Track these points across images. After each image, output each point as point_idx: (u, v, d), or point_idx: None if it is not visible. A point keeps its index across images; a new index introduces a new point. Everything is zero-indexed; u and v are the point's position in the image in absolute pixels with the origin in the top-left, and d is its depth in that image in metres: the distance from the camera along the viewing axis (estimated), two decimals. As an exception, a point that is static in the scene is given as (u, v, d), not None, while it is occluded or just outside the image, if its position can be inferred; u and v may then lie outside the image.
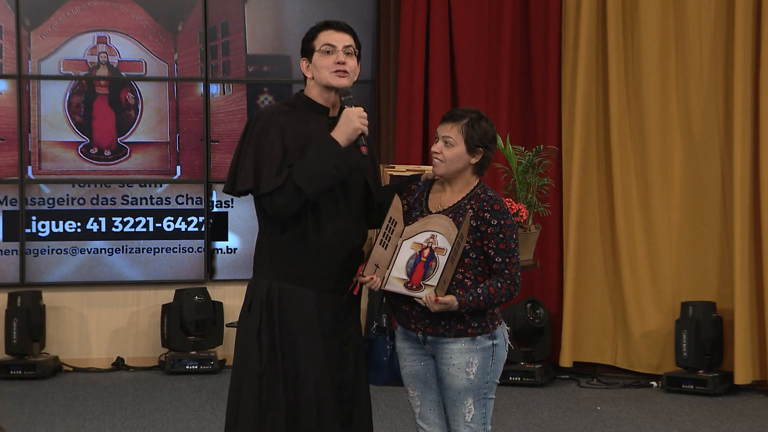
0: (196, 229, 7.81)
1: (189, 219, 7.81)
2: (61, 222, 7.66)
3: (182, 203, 7.81)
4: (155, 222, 7.78)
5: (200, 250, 7.80)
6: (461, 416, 3.53)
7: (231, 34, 7.87)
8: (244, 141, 3.52)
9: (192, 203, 7.82)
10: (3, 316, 7.38)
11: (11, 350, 7.34)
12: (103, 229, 7.70)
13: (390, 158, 7.42)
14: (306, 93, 3.60)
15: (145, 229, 7.76)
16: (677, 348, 6.92)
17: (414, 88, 7.50)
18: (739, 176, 6.82)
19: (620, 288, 7.27)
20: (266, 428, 3.47)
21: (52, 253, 7.65)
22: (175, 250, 7.80)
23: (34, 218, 7.63)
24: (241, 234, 7.85)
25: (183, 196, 7.81)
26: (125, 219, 7.74)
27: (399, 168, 4.13)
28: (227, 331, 7.58)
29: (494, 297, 3.44)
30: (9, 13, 7.60)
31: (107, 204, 7.72)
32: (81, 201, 7.69)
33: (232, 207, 7.85)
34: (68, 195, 7.68)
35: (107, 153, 7.76)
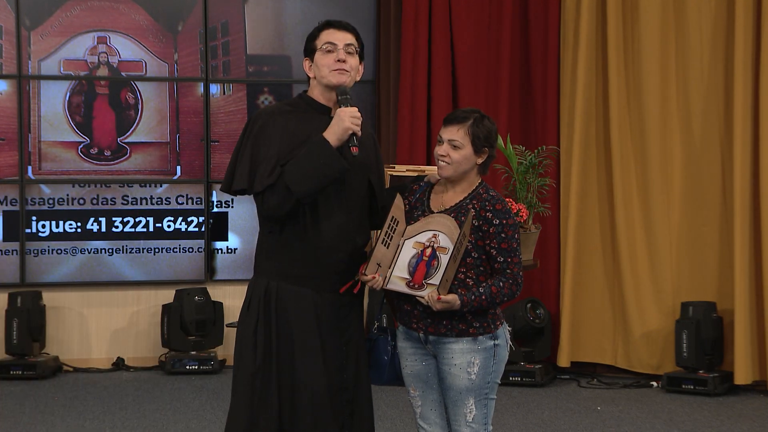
0: (196, 229, 7.81)
1: (189, 219, 7.81)
2: (61, 222, 7.66)
3: (182, 203, 7.81)
4: (155, 222, 7.77)
5: (200, 250, 7.80)
6: (462, 416, 3.53)
7: (231, 34, 7.87)
8: (243, 140, 3.52)
9: (192, 203, 7.81)
10: (3, 316, 7.37)
11: (11, 350, 7.34)
12: (104, 229, 7.70)
13: (390, 158, 7.41)
14: (309, 93, 3.60)
15: (145, 229, 7.76)
16: (677, 348, 6.92)
17: (417, 89, 7.49)
18: (740, 176, 6.83)
19: (620, 288, 7.27)
20: (258, 427, 3.46)
21: (53, 253, 7.65)
22: (176, 250, 7.79)
23: (35, 218, 7.63)
24: (241, 234, 7.85)
25: (183, 196, 7.81)
26: (125, 219, 7.74)
27: (399, 168, 4.13)
28: (227, 331, 7.58)
29: (496, 296, 3.44)
30: (9, 13, 7.60)
31: (107, 204, 7.72)
32: (81, 201, 7.69)
33: (232, 207, 7.85)
34: (68, 195, 7.68)
35: (107, 153, 7.76)
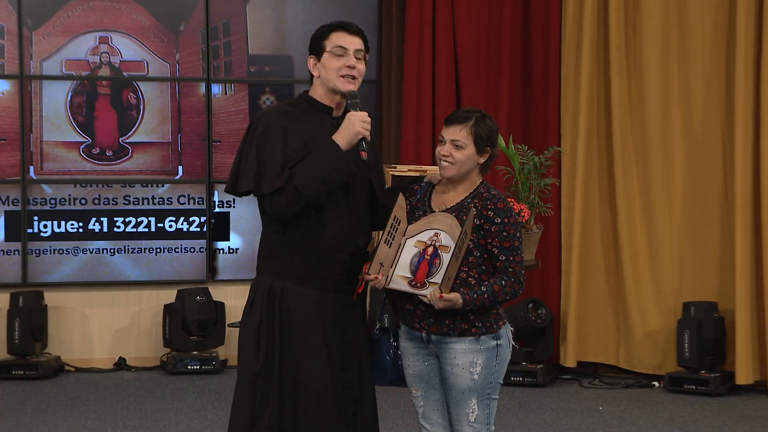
0: (198, 229, 7.81)
1: (191, 219, 7.81)
2: (63, 222, 7.66)
3: (184, 203, 7.81)
4: (157, 222, 7.78)
5: (202, 251, 7.80)
6: (465, 416, 3.53)
7: (233, 34, 7.88)
8: (247, 141, 3.51)
9: (194, 203, 7.82)
10: (5, 316, 7.38)
11: (13, 350, 7.34)
12: (105, 229, 7.70)
13: (392, 159, 7.41)
14: (311, 93, 3.59)
15: (147, 229, 7.76)
16: (679, 348, 6.92)
17: (422, 89, 7.48)
18: (741, 176, 6.83)
19: (622, 288, 7.27)
20: (259, 427, 3.46)
21: (54, 253, 7.65)
22: (177, 250, 7.80)
23: (36, 218, 7.63)
24: (243, 234, 7.85)
25: (185, 196, 7.82)
26: (127, 219, 7.74)
27: (401, 168, 4.14)
28: (229, 331, 7.58)
29: (498, 295, 3.43)
30: (11, 14, 7.60)
31: (109, 204, 7.72)
32: (83, 201, 7.69)
33: (234, 207, 7.85)
34: (70, 195, 7.68)
35: (109, 153, 7.76)
